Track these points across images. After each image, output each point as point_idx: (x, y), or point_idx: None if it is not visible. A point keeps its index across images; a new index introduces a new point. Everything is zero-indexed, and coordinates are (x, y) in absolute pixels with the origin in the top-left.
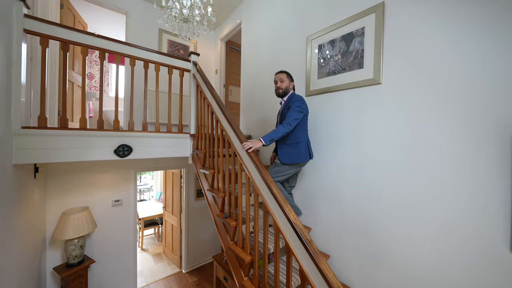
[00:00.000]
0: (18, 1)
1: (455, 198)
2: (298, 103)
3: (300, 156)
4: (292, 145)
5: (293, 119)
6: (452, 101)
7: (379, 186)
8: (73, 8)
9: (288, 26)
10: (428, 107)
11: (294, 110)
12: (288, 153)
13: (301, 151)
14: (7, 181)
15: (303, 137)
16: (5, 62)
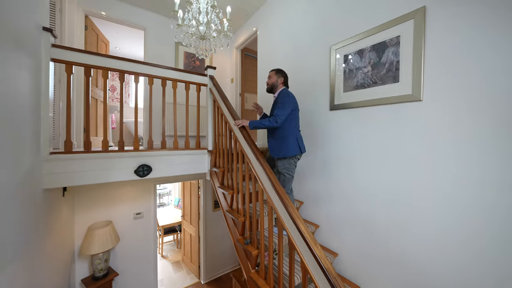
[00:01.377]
0: (46, 32)
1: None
2: (285, 98)
3: (288, 149)
4: (280, 139)
5: (279, 115)
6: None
7: (417, 215)
8: (96, 28)
9: (308, 35)
10: (481, 132)
11: (280, 107)
12: (276, 147)
13: (289, 145)
14: (38, 206)
15: (292, 131)
16: (34, 93)
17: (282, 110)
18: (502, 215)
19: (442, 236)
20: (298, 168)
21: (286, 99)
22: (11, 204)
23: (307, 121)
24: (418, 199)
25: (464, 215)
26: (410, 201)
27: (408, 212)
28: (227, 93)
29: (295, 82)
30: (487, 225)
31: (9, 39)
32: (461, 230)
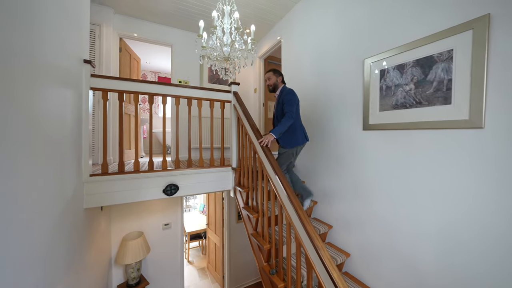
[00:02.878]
0: (86, 63)
1: None
2: (290, 96)
3: (297, 140)
4: (290, 132)
5: (292, 111)
6: None
7: (477, 262)
8: (129, 48)
9: (337, 46)
10: None
11: (289, 104)
12: (288, 139)
13: (298, 136)
14: (79, 224)
15: (298, 123)
16: (76, 120)
17: (291, 107)
18: None
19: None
20: (326, 189)
21: (291, 96)
22: (62, 225)
23: (335, 140)
24: (476, 241)
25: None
26: (466, 242)
27: (464, 256)
28: (251, 103)
29: (321, 97)
30: None
31: (59, 77)
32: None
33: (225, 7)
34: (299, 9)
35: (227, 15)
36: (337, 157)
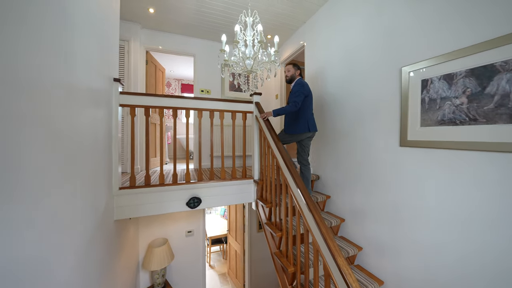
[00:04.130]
0: (116, 82)
1: None
2: (299, 87)
3: (299, 127)
4: (293, 119)
5: (297, 101)
6: None
7: None
8: (155, 60)
9: (369, 52)
10: None
11: (296, 95)
12: (290, 126)
13: (299, 125)
14: (110, 235)
15: (303, 114)
16: (107, 137)
17: (296, 97)
18: None
19: None
20: (356, 206)
21: (299, 87)
22: (95, 237)
23: (367, 155)
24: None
25: None
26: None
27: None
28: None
29: (350, 107)
30: None
31: (92, 97)
32: None
33: (248, 19)
34: (324, 13)
35: (249, 27)
36: (369, 173)
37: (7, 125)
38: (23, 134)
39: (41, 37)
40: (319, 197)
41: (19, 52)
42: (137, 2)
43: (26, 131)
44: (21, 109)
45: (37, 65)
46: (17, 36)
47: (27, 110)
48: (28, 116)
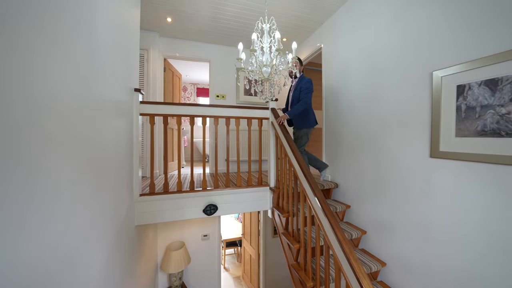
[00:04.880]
0: (136, 92)
1: None
2: (308, 85)
3: (311, 122)
4: (305, 115)
5: (309, 98)
6: None
7: None
8: (172, 67)
9: (395, 55)
10: None
11: (307, 92)
12: (303, 122)
13: (311, 119)
14: (132, 239)
15: (311, 109)
16: (129, 145)
17: (308, 95)
18: None
19: None
20: (379, 219)
21: (309, 85)
22: (118, 243)
23: (391, 164)
24: None
25: None
26: None
27: None
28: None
29: (373, 113)
30: None
31: (115, 109)
32: None
33: (264, 26)
34: (343, 13)
35: (266, 34)
36: (395, 185)
37: (43, 143)
38: (55, 150)
39: (72, 56)
40: (338, 206)
41: (52, 71)
42: (156, 13)
43: (58, 149)
44: (51, 128)
45: (65, 83)
46: (50, 56)
47: (56, 129)
48: (58, 135)
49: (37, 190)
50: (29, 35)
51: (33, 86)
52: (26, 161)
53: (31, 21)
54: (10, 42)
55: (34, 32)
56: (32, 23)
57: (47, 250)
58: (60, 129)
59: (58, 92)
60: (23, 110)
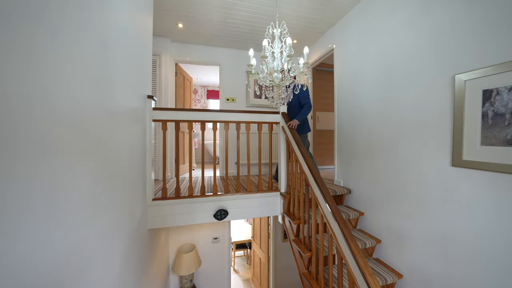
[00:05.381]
0: (149, 99)
1: None
2: (307, 90)
3: (308, 127)
4: (306, 121)
5: (310, 103)
6: None
7: None
8: (183, 71)
9: (412, 57)
10: None
11: (307, 96)
12: (307, 126)
13: (307, 124)
14: (145, 242)
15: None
16: (142, 151)
17: (308, 99)
18: None
19: None
20: (394, 228)
21: (307, 90)
22: (132, 246)
23: (408, 171)
24: None
25: None
26: None
27: None
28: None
29: (389, 118)
30: None
31: (130, 116)
32: None
33: (275, 30)
34: (357, 14)
35: (277, 39)
36: (412, 194)
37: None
38: (73, 161)
39: (87, 66)
40: (351, 213)
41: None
42: (167, 19)
43: (75, 161)
44: (69, 140)
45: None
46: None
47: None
48: (75, 146)
49: (60, 199)
50: (43, 46)
51: (51, 99)
52: (46, 173)
53: (45, 30)
54: (25, 53)
55: (47, 41)
56: (46, 33)
57: (68, 253)
58: (77, 140)
59: (75, 103)
60: (43, 124)
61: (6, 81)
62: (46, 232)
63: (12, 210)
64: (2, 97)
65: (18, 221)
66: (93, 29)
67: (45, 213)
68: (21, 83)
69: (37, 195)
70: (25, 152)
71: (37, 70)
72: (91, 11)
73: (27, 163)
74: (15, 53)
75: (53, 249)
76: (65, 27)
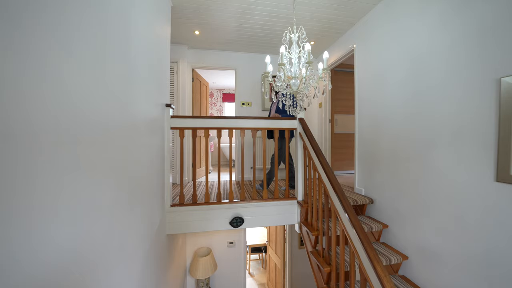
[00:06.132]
0: (167, 107)
1: None
2: None
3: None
4: None
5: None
6: None
7: None
8: (199, 76)
9: (446, 57)
10: None
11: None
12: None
13: None
14: (163, 247)
15: None
16: (160, 158)
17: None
18: None
19: None
20: (425, 245)
21: None
22: (151, 251)
23: (441, 185)
24: None
25: None
26: None
27: None
28: (314, 119)
29: (419, 126)
30: None
31: (149, 126)
32: None
33: (293, 35)
34: (380, 12)
35: (295, 44)
36: (445, 208)
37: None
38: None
39: (109, 82)
40: (374, 225)
41: (96, 100)
42: (185, 27)
43: (100, 174)
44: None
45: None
46: (93, 87)
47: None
48: (99, 161)
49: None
50: (72, 69)
51: (76, 118)
52: (71, 188)
53: (71, 56)
54: (53, 79)
55: (75, 64)
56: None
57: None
58: (101, 156)
59: (100, 119)
60: (73, 144)
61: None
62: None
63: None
64: (45, 122)
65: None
66: (116, 45)
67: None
68: (51, 109)
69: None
70: (56, 169)
71: (66, 95)
72: (114, 29)
73: (56, 181)
74: (47, 82)
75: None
76: (92, 47)
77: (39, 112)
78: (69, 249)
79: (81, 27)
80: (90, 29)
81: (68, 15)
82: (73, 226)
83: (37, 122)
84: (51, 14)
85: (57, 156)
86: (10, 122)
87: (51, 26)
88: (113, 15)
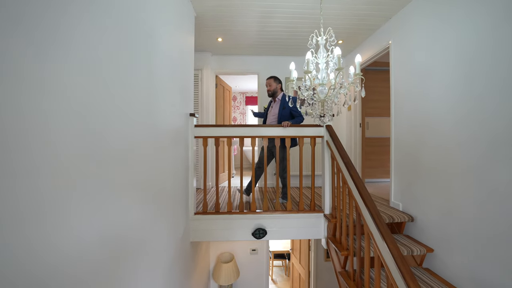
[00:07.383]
0: (191, 116)
1: None
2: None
3: (296, 141)
4: None
5: (302, 116)
6: None
7: None
8: (223, 82)
9: (503, 55)
10: None
11: (296, 108)
12: (293, 139)
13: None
14: (188, 255)
15: None
16: (184, 167)
17: (299, 111)
18: None
19: None
20: (490, 283)
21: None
22: (176, 258)
23: (501, 207)
24: None
25: None
26: None
27: None
28: (343, 123)
29: (472, 133)
30: None
31: (174, 137)
32: None
33: (320, 39)
34: (421, 4)
35: (322, 48)
36: (496, 234)
37: (117, 189)
38: (126, 194)
39: (137, 97)
40: (415, 248)
41: (125, 119)
42: (208, 35)
43: (125, 192)
44: (119, 177)
45: (136, 126)
46: (123, 107)
47: (123, 175)
48: (127, 180)
49: (117, 227)
50: (100, 91)
51: (108, 140)
52: (104, 205)
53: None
54: (81, 104)
55: (105, 84)
56: (93, 69)
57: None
58: (127, 173)
59: (128, 133)
60: (101, 166)
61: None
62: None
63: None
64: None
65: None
66: (143, 59)
67: (100, 245)
68: (82, 142)
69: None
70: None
71: (97, 121)
72: (140, 45)
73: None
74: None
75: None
76: (123, 68)
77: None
78: (99, 262)
79: (109, 48)
80: (117, 51)
81: (100, 38)
82: (104, 246)
83: (69, 152)
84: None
85: (87, 184)
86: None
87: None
88: (138, 33)
